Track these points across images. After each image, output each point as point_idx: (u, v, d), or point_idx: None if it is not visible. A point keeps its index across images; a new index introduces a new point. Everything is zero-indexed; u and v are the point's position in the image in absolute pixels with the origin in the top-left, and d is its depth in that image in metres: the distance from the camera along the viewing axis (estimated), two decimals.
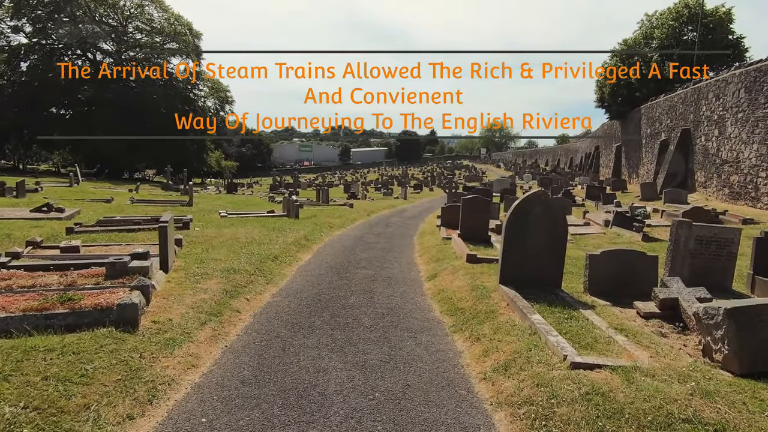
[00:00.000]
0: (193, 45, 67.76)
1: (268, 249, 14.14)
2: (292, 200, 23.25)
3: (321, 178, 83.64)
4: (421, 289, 11.39)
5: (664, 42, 44.99)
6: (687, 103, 33.70)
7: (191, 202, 28.21)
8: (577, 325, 7.56)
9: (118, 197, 30.37)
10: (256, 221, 20.25)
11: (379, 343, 7.70)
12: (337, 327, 8.44)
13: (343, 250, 16.14)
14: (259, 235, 16.29)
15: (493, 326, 7.95)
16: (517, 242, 9.48)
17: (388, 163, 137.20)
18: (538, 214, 9.39)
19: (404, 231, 21.62)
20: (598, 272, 9.48)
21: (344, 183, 58.99)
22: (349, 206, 30.11)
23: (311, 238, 17.40)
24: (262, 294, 10.45)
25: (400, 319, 8.96)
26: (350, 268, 13.36)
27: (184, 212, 22.69)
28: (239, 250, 13.54)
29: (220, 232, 16.47)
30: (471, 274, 11.36)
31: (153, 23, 66.05)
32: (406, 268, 13.70)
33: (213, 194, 43.97)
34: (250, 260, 12.38)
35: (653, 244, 15.76)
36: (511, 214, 9.45)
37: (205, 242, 14.37)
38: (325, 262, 14.11)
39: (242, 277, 10.86)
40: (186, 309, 8.31)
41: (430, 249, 15.96)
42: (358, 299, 10.26)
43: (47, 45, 61.71)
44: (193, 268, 11.01)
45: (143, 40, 65.98)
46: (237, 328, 8.32)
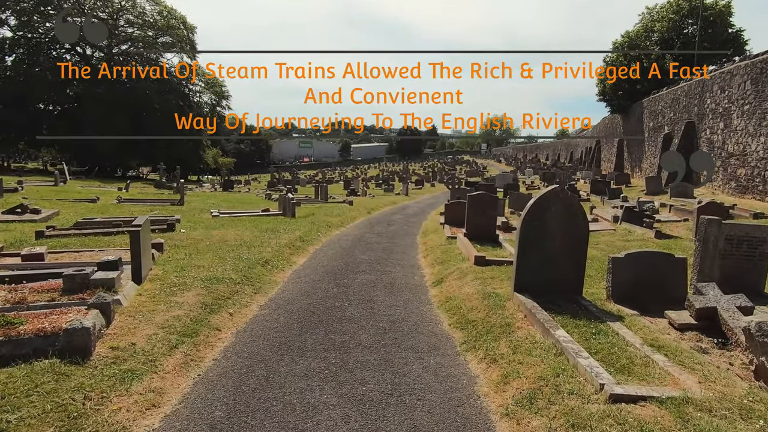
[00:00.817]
0: (187, 39, 66.46)
1: (259, 253, 13.09)
2: (288, 198, 22.19)
3: (321, 174, 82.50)
4: (427, 297, 10.34)
5: (664, 35, 44.80)
6: (691, 95, 32.77)
7: (182, 200, 27.16)
8: (608, 342, 6.53)
9: (105, 196, 29.29)
10: (249, 221, 19.20)
11: (381, 368, 6.63)
12: (331, 347, 7.37)
13: (342, 252, 15.08)
14: (251, 236, 15.25)
15: (511, 343, 6.91)
16: (534, 245, 8.43)
17: (389, 159, 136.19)
18: (556, 213, 8.33)
19: (407, 229, 20.57)
20: (623, 277, 8.46)
21: (344, 179, 57.82)
22: (348, 204, 29.02)
23: (307, 239, 16.33)
24: (248, 306, 9.38)
25: (404, 335, 7.90)
26: (349, 273, 12.30)
27: (173, 212, 21.67)
28: (227, 254, 12.49)
29: (208, 234, 15.41)
30: (481, 278, 10.31)
31: (145, 16, 64.43)
32: (410, 272, 12.65)
33: (208, 192, 42.85)
34: (238, 266, 11.33)
35: (667, 241, 14.75)
36: (526, 213, 8.38)
37: (190, 246, 13.32)
38: (322, 266, 13.05)
39: (226, 287, 9.79)
40: (154, 329, 7.25)
41: (434, 249, 14.91)
42: (357, 310, 9.20)
43: (33, 39, 59.73)
44: (171, 277, 9.95)
45: (135, 34, 64.57)
46: (214, 350, 7.25)
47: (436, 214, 25.55)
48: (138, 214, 19.95)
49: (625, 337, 6.68)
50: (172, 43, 66.05)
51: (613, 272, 8.46)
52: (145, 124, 58.57)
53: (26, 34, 59.13)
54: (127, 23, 64.80)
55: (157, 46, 65.95)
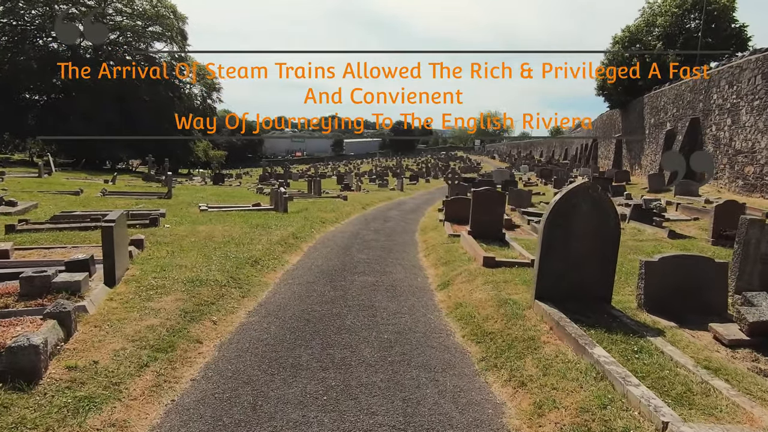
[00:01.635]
0: (177, 29, 65.04)
1: (248, 251, 12.06)
2: (280, 192, 21.16)
3: (313, 169, 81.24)
4: (433, 302, 9.34)
5: (666, 30, 43.66)
6: (696, 91, 31.72)
7: (170, 194, 26.05)
8: (655, 363, 5.56)
9: (90, 189, 28.11)
10: (239, 216, 18.16)
11: (389, 393, 5.62)
12: (330, 365, 6.35)
13: (338, 251, 14.07)
14: (240, 233, 14.23)
15: (540, 362, 5.93)
16: (558, 247, 7.44)
17: (382, 154, 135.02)
18: (584, 213, 7.35)
19: (405, 226, 19.58)
20: (656, 283, 7.50)
21: (337, 174, 56.77)
22: (343, 199, 28.01)
23: (300, 236, 15.31)
24: (235, 312, 8.36)
25: (412, 350, 6.89)
26: (346, 274, 11.29)
27: (159, 205, 20.64)
28: (213, 252, 11.46)
29: (194, 229, 14.37)
30: (492, 282, 9.32)
31: (134, 5, 62.59)
32: (412, 273, 11.65)
33: (198, 185, 41.67)
34: (224, 266, 10.29)
35: (683, 241, 13.86)
36: (550, 212, 7.39)
37: (173, 243, 12.28)
38: (316, 266, 12.04)
39: (210, 290, 8.76)
40: (123, 343, 6.23)
41: (436, 248, 13.93)
42: (357, 318, 8.19)
43: (19, 26, 58.02)
44: (148, 278, 8.91)
45: (124, 23, 63.00)
46: (194, 368, 6.23)
47: (434, 211, 24.66)
48: (122, 208, 18.95)
49: (673, 357, 5.70)
50: (162, 33, 64.67)
51: (646, 278, 7.48)
52: (134, 114, 57.31)
53: (11, 21, 57.40)
54: (115, 11, 63.16)
55: (146, 35, 64.59)
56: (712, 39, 40.56)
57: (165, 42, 66.18)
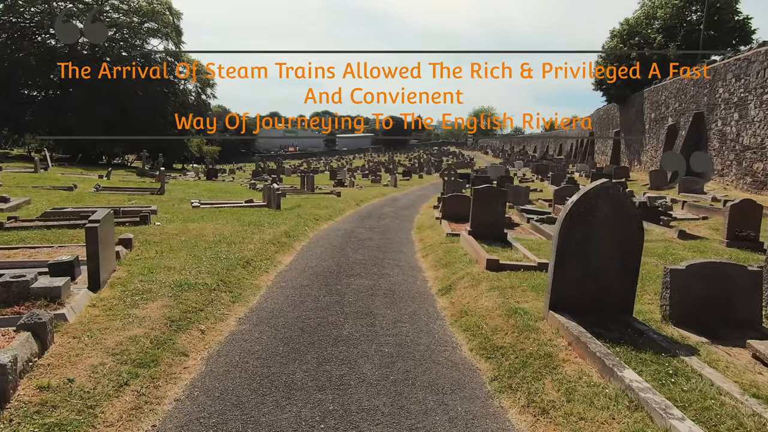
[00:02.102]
0: (173, 25, 64.13)
1: (240, 250, 11.37)
2: (273, 188, 20.46)
3: (306, 164, 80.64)
4: (435, 309, 8.66)
5: (667, 22, 42.44)
6: (700, 85, 30.77)
7: (163, 189, 25.38)
8: (694, 389, 4.91)
9: (84, 184, 27.39)
10: (231, 213, 17.47)
11: (395, 422, 4.90)
12: (327, 384, 5.66)
13: (332, 250, 13.39)
14: (232, 231, 13.53)
15: (561, 385, 5.26)
16: (575, 253, 6.77)
17: (374, 150, 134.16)
18: (604, 215, 6.68)
19: (399, 224, 18.91)
20: (684, 293, 6.82)
21: (330, 169, 55.99)
22: (336, 195, 27.34)
23: (294, 235, 14.63)
24: (225, 320, 7.66)
25: (416, 366, 6.20)
26: (341, 276, 10.60)
27: (151, 202, 19.98)
28: (203, 253, 10.77)
29: (185, 227, 13.67)
30: (498, 288, 8.64)
31: (130, 1, 61.94)
32: (410, 276, 10.96)
33: (191, 181, 40.93)
34: (214, 268, 9.60)
35: (694, 242, 13.19)
36: (567, 214, 6.72)
37: (163, 242, 11.58)
38: (310, 268, 11.35)
39: (199, 294, 8.07)
40: (102, 357, 5.55)
41: (434, 248, 13.26)
42: (355, 328, 7.50)
43: (18, 23, 57.62)
44: (135, 282, 8.23)
45: (120, 20, 62.06)
46: (178, 386, 5.54)
47: (429, 208, 24.04)
48: (115, 204, 18.31)
49: (714, 381, 5.03)
50: (158, 30, 63.79)
51: (672, 287, 6.82)
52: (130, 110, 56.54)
53: (11, 18, 56.83)
54: (112, 8, 62.31)
55: (142, 32, 63.68)
56: (714, 32, 39.55)
57: (160, 38, 65.27)
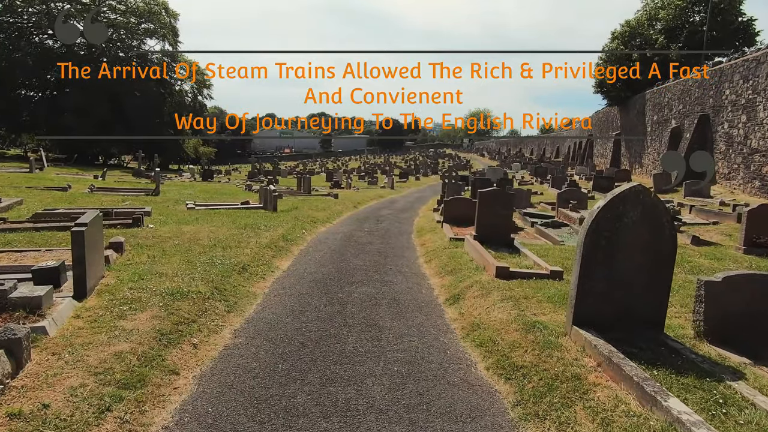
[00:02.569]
0: (169, 25, 63.46)
1: (236, 255, 10.76)
2: (269, 190, 19.83)
3: (302, 165, 79.98)
4: (444, 321, 8.03)
5: (670, 23, 41.45)
6: (705, 86, 30.09)
7: (158, 190, 24.70)
8: (750, 421, 4.31)
9: (79, 184, 26.70)
10: (226, 215, 16.83)
11: None
12: (332, 410, 5.02)
13: (331, 255, 12.77)
14: (227, 234, 12.91)
15: (595, 414, 4.63)
16: (602, 263, 6.15)
17: (370, 151, 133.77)
18: (634, 221, 6.08)
19: (399, 227, 18.30)
20: (720, 308, 6.21)
21: (326, 171, 55.31)
22: (333, 197, 26.69)
23: (291, 238, 14.01)
24: (219, 332, 7.03)
25: (430, 388, 5.56)
26: (342, 283, 9.98)
27: (145, 203, 19.37)
28: (197, 257, 10.15)
29: (179, 230, 13.03)
30: (512, 299, 8.02)
31: (128, 1, 61.31)
32: (415, 283, 10.34)
33: (187, 182, 40.18)
34: (209, 274, 8.98)
35: (708, 248, 12.62)
36: (593, 220, 6.10)
37: (155, 246, 10.95)
38: (310, 274, 10.72)
39: (192, 304, 7.43)
40: (83, 377, 4.93)
41: (437, 253, 12.65)
42: (360, 342, 6.87)
43: (16, 23, 56.93)
44: (124, 289, 7.60)
45: (117, 20, 61.33)
46: (166, 411, 4.90)
47: (428, 210, 23.45)
48: (108, 205, 17.70)
49: None
50: (155, 30, 63.15)
51: (707, 301, 6.20)
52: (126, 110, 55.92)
53: (8, 18, 56.11)
54: (109, 9, 61.67)
55: (139, 32, 62.96)
56: (717, 33, 38.72)
57: (157, 39, 64.69)
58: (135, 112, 55.97)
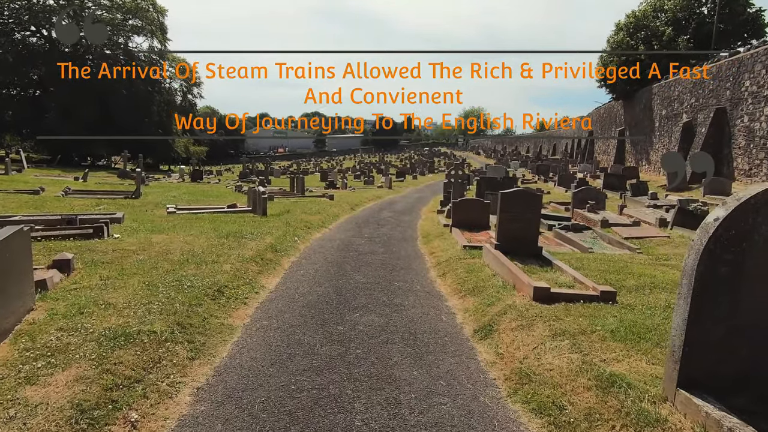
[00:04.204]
0: (158, 22, 61.36)
1: (212, 273, 8.78)
2: (258, 192, 17.80)
3: (296, 165, 77.99)
4: (478, 366, 6.02)
5: (676, 14, 39.17)
6: (721, 78, 28.01)
7: (138, 192, 22.69)
8: None
9: (55, 187, 24.68)
10: (209, 221, 14.88)
11: None
12: None
13: (328, 269, 10.78)
14: (205, 245, 10.94)
15: None
16: (722, 299, 4.21)
17: (365, 150, 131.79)
18: (765, 240, 4.14)
19: (402, 232, 16.35)
20: None
21: (320, 171, 53.21)
22: (328, 198, 24.65)
23: (281, 249, 12.02)
24: (174, 396, 4.99)
25: None
26: (342, 309, 7.98)
27: (122, 206, 17.64)
28: (162, 278, 8.15)
29: (148, 241, 11.03)
30: (565, 334, 6.02)
31: None
32: (431, 306, 8.34)
33: (175, 183, 38.15)
34: (172, 303, 6.97)
35: None
36: (710, 238, 4.13)
37: (114, 262, 8.96)
38: (302, 296, 8.73)
39: (139, 353, 5.41)
40: None
41: (451, 265, 10.68)
42: (372, 410, 4.83)
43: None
44: (50, 331, 5.61)
45: (103, 17, 59.11)
46: None
47: (430, 212, 21.52)
48: (79, 209, 15.95)
49: None
50: (142, 27, 61.03)
51: None
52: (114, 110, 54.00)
53: None
54: (94, 4, 59.50)
55: (125, 28, 60.83)
56: (725, 25, 36.56)
57: (145, 36, 62.70)
58: (122, 111, 54.26)
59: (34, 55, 54.93)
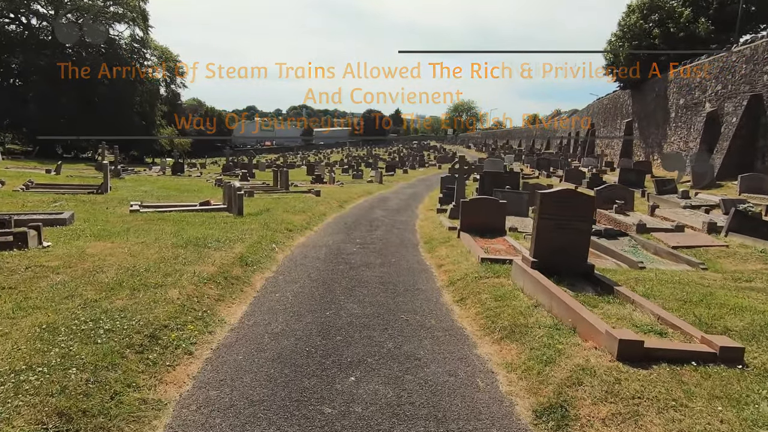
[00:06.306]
0: (139, 9, 58.12)
1: (150, 305, 6.15)
2: (233, 187, 15.12)
3: (282, 158, 75.14)
4: None
5: None
6: (755, 61, 24.79)
7: (106, 187, 20.03)
8: None
9: (19, 180, 21.96)
10: (174, 222, 12.29)
11: None
12: None
13: (312, 291, 8.17)
14: (156, 257, 8.33)
15: None
16: None
17: (352, 143, 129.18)
18: None
19: (400, 236, 13.76)
20: None
21: (307, 164, 50.29)
22: (315, 194, 21.94)
23: (253, 261, 9.40)
24: None
25: None
26: (330, 369, 5.32)
27: (81, 203, 15.54)
28: (73, 315, 5.54)
29: (80, 253, 8.40)
30: None
31: None
32: (457, 358, 5.72)
33: (154, 176, 35.33)
34: (66, 368, 4.38)
35: None
36: None
37: (20, 286, 6.45)
38: (272, 337, 6.11)
39: None
40: None
41: (469, 286, 8.10)
42: None
43: None
44: None
45: (83, 3, 56.07)
46: None
47: (428, 210, 19.01)
48: (31, 207, 13.70)
49: None
50: (123, 14, 57.81)
51: None
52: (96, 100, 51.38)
53: None
54: None
55: (106, 15, 57.65)
56: (747, 5, 33.06)
57: (126, 23, 59.45)
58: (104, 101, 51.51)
59: (12, 43, 52.09)
